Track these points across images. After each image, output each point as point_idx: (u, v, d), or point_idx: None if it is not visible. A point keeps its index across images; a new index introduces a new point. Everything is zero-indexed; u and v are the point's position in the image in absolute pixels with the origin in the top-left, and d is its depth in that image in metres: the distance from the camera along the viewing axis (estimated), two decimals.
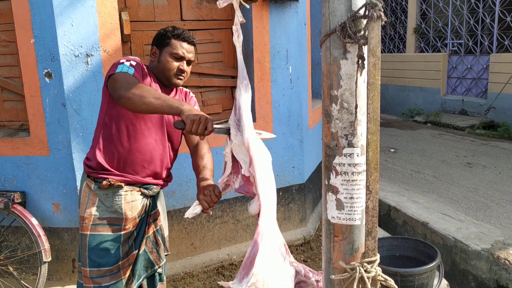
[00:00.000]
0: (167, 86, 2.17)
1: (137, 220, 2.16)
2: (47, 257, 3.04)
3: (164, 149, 2.18)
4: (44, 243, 3.03)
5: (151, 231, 2.26)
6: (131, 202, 2.11)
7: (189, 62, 2.15)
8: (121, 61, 1.99)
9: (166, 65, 2.08)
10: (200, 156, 2.18)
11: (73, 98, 2.99)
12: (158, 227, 2.30)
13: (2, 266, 3.22)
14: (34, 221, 3.05)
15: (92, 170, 2.08)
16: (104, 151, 2.07)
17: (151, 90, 1.81)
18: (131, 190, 2.11)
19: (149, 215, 2.23)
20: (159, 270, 2.31)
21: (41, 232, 3.05)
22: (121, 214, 2.09)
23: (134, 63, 1.99)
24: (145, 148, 2.09)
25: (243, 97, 1.76)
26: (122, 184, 2.07)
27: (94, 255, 2.06)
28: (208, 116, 1.73)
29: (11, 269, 3.22)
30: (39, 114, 3.06)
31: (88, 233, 2.06)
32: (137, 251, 2.16)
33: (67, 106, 2.99)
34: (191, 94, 2.38)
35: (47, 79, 2.99)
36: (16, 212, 3.04)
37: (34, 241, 3.04)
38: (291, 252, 3.84)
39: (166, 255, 2.36)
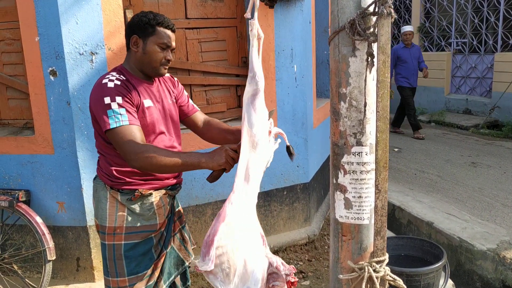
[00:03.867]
0: (150, 77, 2.05)
1: (166, 220, 2.15)
2: (51, 255, 3.03)
3: (177, 143, 2.16)
4: (49, 242, 3.03)
5: (177, 229, 2.25)
6: (163, 206, 2.10)
7: (172, 50, 2.05)
8: (106, 101, 1.81)
9: (154, 56, 1.96)
10: (219, 122, 2.26)
11: (78, 96, 2.98)
12: (183, 224, 2.31)
13: (6, 264, 3.22)
14: (38, 219, 3.05)
15: (116, 183, 2.01)
16: (124, 167, 1.99)
17: (161, 153, 1.77)
18: (159, 195, 2.09)
19: (174, 213, 2.22)
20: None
21: (46, 231, 3.04)
22: (155, 220, 2.07)
23: (120, 100, 1.83)
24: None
25: (246, 88, 1.82)
26: (152, 191, 2.05)
27: (133, 264, 2.02)
28: (225, 147, 1.82)
29: (15, 267, 3.23)
30: (44, 112, 3.05)
31: (123, 242, 2.01)
32: (166, 250, 2.15)
33: (72, 104, 2.99)
34: (174, 78, 2.28)
35: (51, 77, 2.98)
36: (21, 211, 3.04)
37: (38, 239, 3.03)
38: (295, 252, 3.86)
39: (193, 247, 2.37)
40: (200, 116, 2.31)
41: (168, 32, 1.98)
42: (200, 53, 3.56)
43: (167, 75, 2.22)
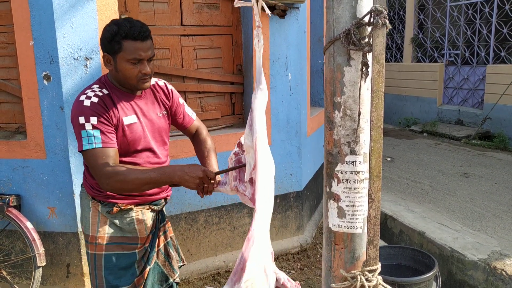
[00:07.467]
0: (134, 91, 1.95)
1: (150, 236, 2.10)
2: (41, 261, 3.00)
3: (163, 156, 2.09)
4: (39, 247, 3.00)
5: (161, 244, 2.19)
6: (144, 221, 2.05)
7: (150, 59, 1.87)
8: (80, 120, 1.76)
9: (126, 73, 1.83)
10: (202, 141, 2.20)
11: (72, 102, 2.97)
12: (168, 239, 2.23)
13: None
14: (29, 224, 3.02)
15: (97, 194, 1.97)
16: None
17: (131, 174, 1.72)
18: (141, 210, 2.04)
19: (159, 228, 2.16)
20: (177, 279, 2.24)
21: (36, 236, 3.01)
22: (135, 233, 2.03)
23: (95, 121, 1.76)
24: (147, 165, 1.99)
25: (257, 100, 1.72)
26: (132, 206, 2.00)
27: (112, 276, 1.97)
28: (203, 169, 1.75)
29: (4, 273, 3.18)
30: (37, 117, 3.03)
31: (103, 253, 1.97)
32: (149, 266, 2.09)
33: (65, 109, 2.97)
34: (169, 86, 2.14)
35: (45, 82, 2.97)
36: (11, 216, 3.00)
37: (28, 245, 3.00)
38: (287, 260, 3.85)
39: (182, 265, 2.30)
40: (195, 126, 2.26)
41: (138, 44, 1.80)
42: (195, 60, 3.56)
43: (161, 83, 2.11)
